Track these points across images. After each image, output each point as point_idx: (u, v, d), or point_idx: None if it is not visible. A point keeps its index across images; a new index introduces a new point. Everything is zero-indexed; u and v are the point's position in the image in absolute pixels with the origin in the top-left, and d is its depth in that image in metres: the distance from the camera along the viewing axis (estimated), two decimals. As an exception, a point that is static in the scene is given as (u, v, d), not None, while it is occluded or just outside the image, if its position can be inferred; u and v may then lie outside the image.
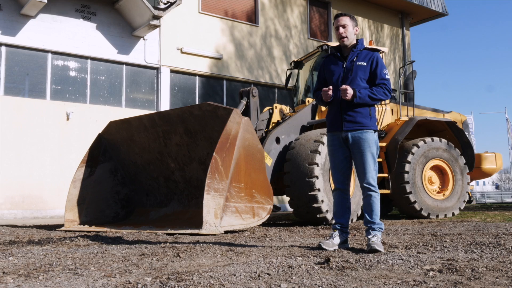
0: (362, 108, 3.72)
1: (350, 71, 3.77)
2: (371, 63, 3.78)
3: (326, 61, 4.03)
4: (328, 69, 3.93)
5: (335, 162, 3.85)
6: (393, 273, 2.45)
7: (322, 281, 2.26)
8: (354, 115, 3.71)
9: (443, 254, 3.15)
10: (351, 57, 3.82)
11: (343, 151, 3.79)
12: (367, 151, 3.68)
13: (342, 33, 3.82)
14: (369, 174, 3.68)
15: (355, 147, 3.71)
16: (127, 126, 7.17)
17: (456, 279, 2.22)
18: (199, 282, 2.26)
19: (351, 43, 3.87)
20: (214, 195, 5.56)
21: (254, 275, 2.43)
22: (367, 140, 3.68)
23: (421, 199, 8.41)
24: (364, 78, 3.76)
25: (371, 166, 3.69)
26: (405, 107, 9.45)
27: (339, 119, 3.75)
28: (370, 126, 3.74)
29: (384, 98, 3.78)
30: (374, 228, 3.62)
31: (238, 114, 5.96)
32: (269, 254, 3.32)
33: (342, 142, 3.78)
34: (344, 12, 4.02)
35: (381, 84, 3.73)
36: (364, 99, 3.66)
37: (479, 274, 2.35)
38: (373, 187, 3.69)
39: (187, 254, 3.44)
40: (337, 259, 2.87)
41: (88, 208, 7.17)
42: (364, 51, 3.86)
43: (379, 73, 3.76)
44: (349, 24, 3.85)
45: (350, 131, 3.71)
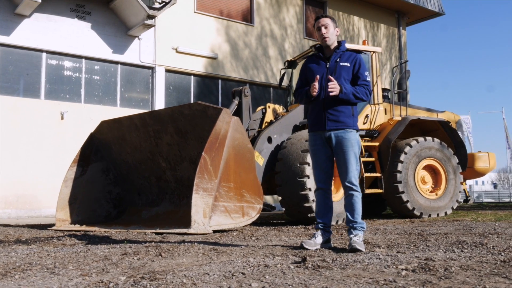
0: (345, 108, 3.75)
1: (333, 71, 3.81)
2: (354, 64, 3.83)
3: (309, 61, 4.06)
4: (310, 69, 3.96)
5: (317, 162, 3.87)
6: (367, 272, 2.46)
7: (294, 280, 2.27)
8: (337, 114, 3.73)
9: (423, 254, 3.16)
10: (334, 58, 3.86)
11: (325, 151, 3.82)
12: (350, 151, 3.70)
13: (324, 33, 3.86)
14: (351, 174, 3.70)
15: (338, 146, 3.73)
16: (118, 126, 7.18)
17: (426, 279, 2.23)
18: (171, 281, 2.28)
19: (333, 43, 3.91)
20: (203, 195, 5.57)
21: (228, 274, 2.44)
22: (349, 140, 3.71)
23: (413, 198, 8.43)
24: (348, 78, 3.80)
25: (353, 165, 3.71)
26: (398, 107, 9.47)
27: (322, 118, 3.78)
28: (353, 126, 3.78)
29: (365, 98, 3.81)
30: (356, 227, 3.65)
31: (228, 114, 5.97)
32: (250, 254, 3.33)
33: (324, 142, 3.80)
34: (325, 14, 4.07)
35: (363, 85, 3.76)
36: (348, 95, 3.69)
37: (451, 273, 2.36)
38: (355, 187, 3.71)
39: (169, 253, 3.45)
40: (314, 259, 2.88)
41: (80, 208, 7.18)
42: (347, 52, 3.90)
43: (361, 75, 3.81)
44: (330, 25, 3.90)
45: (333, 131, 3.74)
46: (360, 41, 16.62)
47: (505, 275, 2.30)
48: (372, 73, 9.17)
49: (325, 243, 3.75)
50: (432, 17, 18.08)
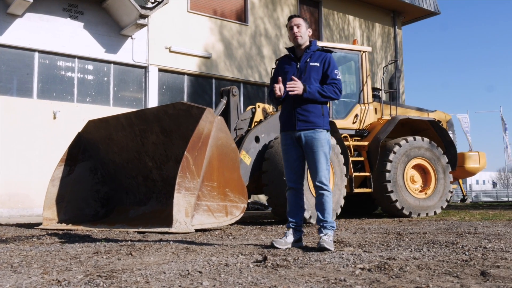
0: (314, 108, 3.76)
1: (303, 71, 3.82)
2: (324, 63, 3.83)
3: (280, 62, 4.08)
4: (282, 70, 3.98)
5: (288, 161, 3.88)
6: (323, 271, 2.48)
7: (247, 279, 2.29)
8: (307, 115, 3.74)
9: (388, 253, 3.18)
10: (304, 58, 3.87)
11: (296, 150, 3.83)
12: (320, 151, 3.71)
13: (296, 32, 3.87)
14: (322, 173, 3.71)
15: (307, 146, 3.74)
16: (105, 125, 7.21)
17: (376, 278, 2.25)
18: (125, 280, 2.30)
19: (305, 43, 3.93)
20: (185, 194, 5.59)
21: (184, 273, 2.46)
22: (319, 140, 3.72)
23: (402, 198, 8.43)
24: (317, 78, 3.81)
25: (323, 165, 3.72)
26: (389, 106, 9.48)
27: (292, 118, 3.79)
28: (323, 125, 3.78)
29: (334, 97, 3.81)
30: (326, 226, 3.66)
31: (211, 114, 5.99)
32: (217, 253, 3.35)
33: (295, 142, 3.82)
34: (298, 14, 4.08)
35: (332, 83, 3.76)
36: (313, 94, 3.69)
37: (404, 273, 2.37)
38: (326, 186, 3.72)
39: (139, 252, 3.48)
40: (276, 258, 2.90)
41: (67, 207, 7.21)
42: (317, 52, 3.91)
43: (330, 73, 3.81)
44: (302, 24, 3.92)
45: (303, 131, 3.74)
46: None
47: (456, 275, 2.31)
48: (362, 73, 9.18)
49: (296, 242, 3.77)
50: (427, 16, 18.06)
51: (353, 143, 8.76)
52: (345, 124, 8.85)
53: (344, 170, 8.00)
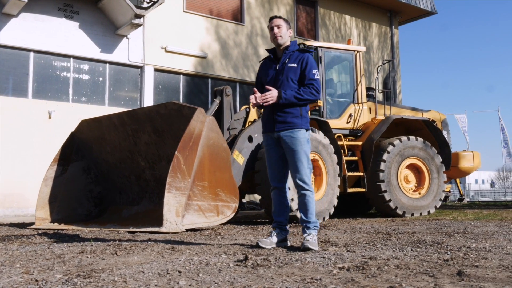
0: (292, 109, 3.78)
1: (281, 73, 3.83)
2: (301, 64, 3.84)
3: (262, 64, 4.12)
4: (263, 72, 4.02)
5: (270, 161, 3.91)
6: (302, 271, 2.49)
7: (224, 278, 2.30)
8: (284, 116, 3.77)
9: (371, 253, 3.19)
10: (283, 59, 3.89)
11: (277, 150, 3.85)
12: (299, 150, 3.72)
13: (276, 33, 3.90)
14: (303, 172, 3.71)
15: (287, 146, 3.76)
16: (98, 125, 7.22)
17: (352, 277, 2.26)
18: (103, 279, 2.31)
19: (285, 43, 3.94)
20: (176, 194, 5.60)
21: (163, 272, 2.47)
22: (298, 139, 3.73)
23: (396, 197, 8.44)
24: (295, 79, 3.82)
25: (304, 164, 3.72)
26: (383, 106, 9.49)
27: (271, 120, 3.82)
28: (301, 125, 3.79)
29: (311, 98, 3.82)
30: (310, 227, 3.67)
31: (202, 113, 6.00)
32: (202, 252, 3.36)
33: (275, 143, 3.84)
34: (278, 15, 4.08)
35: (309, 85, 3.77)
36: (289, 99, 3.71)
37: (382, 272, 2.38)
38: (307, 186, 3.72)
39: (125, 252, 3.48)
40: (257, 257, 2.91)
41: (60, 206, 7.21)
42: (296, 52, 3.93)
43: (307, 74, 3.81)
44: (283, 25, 3.93)
45: (281, 131, 3.76)
46: (352, 40, 16.64)
47: (433, 274, 2.32)
48: (356, 73, 9.20)
49: (281, 242, 3.77)
50: (424, 16, 18.06)
51: (347, 143, 8.77)
52: (339, 124, 8.86)
53: (338, 170, 8.02)
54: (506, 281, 2.14)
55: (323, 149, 7.79)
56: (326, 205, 7.69)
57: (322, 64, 8.83)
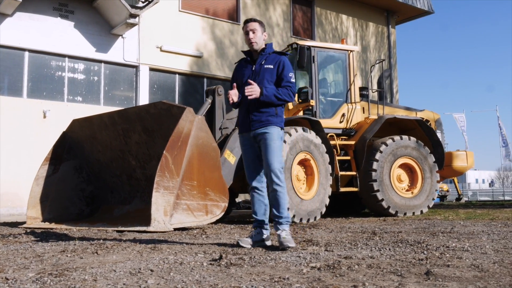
0: (268, 108, 3.82)
1: (257, 74, 3.86)
2: (278, 66, 3.87)
3: (238, 65, 4.15)
4: (239, 73, 4.05)
5: (247, 161, 3.94)
6: (273, 270, 2.50)
7: (194, 277, 2.32)
8: (260, 115, 3.81)
9: (349, 252, 3.20)
10: (259, 61, 3.92)
11: (253, 150, 3.88)
12: (273, 145, 3.75)
13: (251, 38, 3.92)
14: (275, 167, 3.73)
15: (261, 142, 3.79)
16: (89, 124, 7.24)
17: (320, 276, 2.27)
18: (74, 278, 2.32)
19: (260, 47, 3.97)
20: (164, 193, 5.62)
21: (135, 271, 2.49)
22: (271, 134, 3.77)
23: (388, 197, 8.45)
24: (271, 80, 3.85)
25: (277, 159, 3.75)
26: (376, 105, 9.50)
27: (247, 120, 3.86)
28: (276, 123, 3.84)
29: (288, 100, 3.87)
30: (282, 222, 3.69)
31: (191, 113, 6.01)
32: (181, 251, 3.38)
33: (251, 141, 3.87)
34: (254, 18, 4.08)
35: (286, 86, 3.82)
36: (270, 97, 3.74)
37: (351, 271, 2.39)
38: (279, 181, 3.74)
39: (105, 251, 3.50)
40: (232, 256, 2.93)
41: (51, 206, 7.23)
42: (272, 54, 3.96)
43: (284, 76, 3.85)
44: (258, 29, 3.95)
45: (257, 129, 3.80)
46: (349, 39, 16.63)
47: (401, 274, 2.33)
48: (350, 72, 9.20)
49: (261, 241, 3.79)
50: (421, 15, 18.06)
51: (339, 142, 8.78)
52: (332, 124, 8.87)
53: (330, 169, 8.02)
54: (471, 280, 2.15)
55: (315, 149, 7.80)
56: (318, 204, 7.70)
57: (315, 63, 8.85)
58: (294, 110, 8.53)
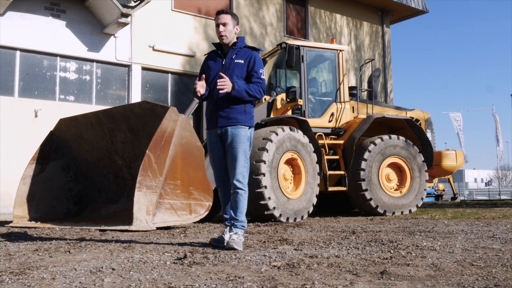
0: (237, 105, 3.76)
1: (227, 68, 3.80)
2: (249, 61, 3.82)
3: (207, 58, 4.06)
4: (208, 66, 3.96)
5: (213, 160, 3.87)
6: (233, 268, 2.52)
7: (152, 276, 2.34)
8: (228, 111, 3.75)
9: (317, 251, 3.22)
10: (230, 55, 3.86)
11: (219, 149, 3.83)
12: (239, 147, 3.72)
13: (221, 32, 3.84)
14: (239, 171, 3.71)
15: (227, 142, 3.75)
16: (75, 124, 7.25)
17: (276, 275, 2.29)
18: (33, 277, 2.34)
19: (231, 41, 3.89)
20: (146, 192, 5.64)
21: (95, 270, 2.50)
22: (239, 136, 3.72)
23: (377, 196, 8.48)
24: (241, 76, 3.80)
25: (241, 162, 3.72)
26: (365, 105, 9.52)
27: (214, 115, 3.80)
28: (244, 122, 3.78)
29: (258, 96, 3.83)
30: (237, 225, 3.66)
31: (175, 112, 6.02)
32: (150, 250, 3.40)
33: (218, 139, 3.82)
34: (227, 10, 3.99)
35: (257, 83, 3.78)
36: (241, 92, 3.69)
37: (309, 270, 2.41)
38: (241, 185, 3.72)
39: (78, 250, 3.52)
40: (198, 255, 2.94)
41: (38, 205, 7.24)
42: (243, 49, 3.89)
43: (255, 72, 3.80)
44: (229, 22, 3.86)
45: (224, 127, 3.75)
46: (343, 39, 16.65)
47: (356, 273, 2.35)
48: (339, 72, 9.23)
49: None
50: (416, 15, 18.06)
51: (328, 142, 8.80)
52: (321, 123, 8.90)
53: (317, 169, 8.04)
54: (423, 279, 2.16)
55: (302, 148, 7.82)
56: (305, 203, 7.72)
57: (304, 63, 8.87)
58: (283, 110, 8.55)
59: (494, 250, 3.24)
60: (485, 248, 3.33)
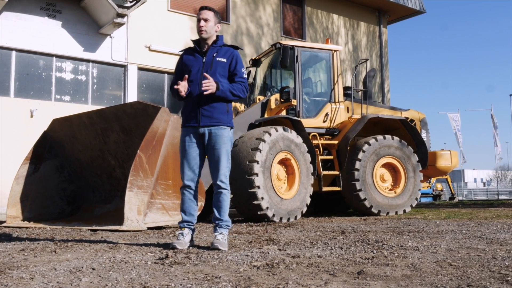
0: (219, 104, 3.75)
1: (209, 66, 3.77)
2: (231, 60, 3.82)
3: (185, 55, 3.98)
4: (186, 63, 3.89)
5: (187, 158, 3.78)
6: (212, 269, 2.53)
7: (130, 276, 2.35)
8: (211, 111, 3.72)
9: (301, 251, 3.23)
10: (211, 52, 3.82)
11: (196, 147, 3.78)
12: (222, 148, 3.72)
13: (202, 27, 3.79)
14: (222, 171, 3.71)
15: (210, 143, 3.73)
16: (69, 124, 7.27)
17: (253, 275, 2.30)
18: (11, 276, 2.36)
19: (210, 37, 3.85)
20: (137, 192, 5.65)
21: (75, 269, 2.52)
22: (222, 137, 3.72)
23: (371, 196, 8.48)
24: (224, 74, 3.79)
25: (224, 163, 3.73)
26: (360, 105, 9.52)
27: (196, 114, 3.74)
28: (227, 122, 3.78)
29: (242, 96, 3.84)
30: (222, 225, 3.66)
31: (167, 112, 6.04)
32: (135, 250, 3.41)
33: (197, 138, 3.77)
34: (210, 7, 3.93)
35: (240, 82, 3.78)
36: (225, 92, 3.69)
37: (288, 270, 2.42)
38: (225, 185, 3.73)
39: (64, 250, 3.53)
40: (180, 255, 2.96)
41: (32, 205, 7.25)
42: (224, 47, 3.87)
43: (237, 71, 3.81)
44: (211, 19, 3.82)
45: (207, 127, 3.72)
46: (340, 39, 16.66)
47: (333, 273, 2.36)
48: (333, 72, 9.23)
49: (190, 242, 3.71)
50: (413, 15, 18.08)
51: (322, 142, 8.81)
52: (315, 123, 8.90)
53: (311, 169, 8.05)
54: (398, 279, 2.18)
55: (296, 148, 7.83)
56: (298, 203, 7.72)
57: (299, 63, 8.87)
58: (277, 110, 8.56)
59: (478, 250, 3.25)
60: (469, 248, 3.34)
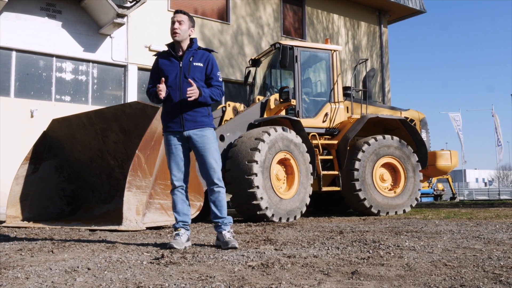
0: (202, 108, 3.81)
1: (187, 71, 3.79)
2: (207, 64, 3.85)
3: (160, 59, 3.96)
4: (162, 68, 3.88)
5: (175, 160, 3.83)
6: (207, 268, 2.54)
7: (125, 275, 2.35)
8: (194, 115, 3.78)
9: (297, 251, 3.23)
10: (187, 57, 3.83)
11: (181, 148, 3.82)
12: (211, 147, 3.79)
13: (175, 28, 3.79)
14: (216, 170, 3.77)
15: (197, 145, 3.76)
16: (68, 124, 7.28)
17: (247, 275, 2.30)
18: (7, 276, 2.36)
19: (184, 40, 3.85)
20: (136, 192, 5.66)
21: (70, 269, 2.52)
22: (208, 137, 3.79)
23: (371, 196, 8.47)
24: (201, 79, 3.83)
25: (217, 162, 3.79)
26: (360, 105, 9.51)
27: (179, 119, 3.78)
28: (209, 124, 3.87)
29: (219, 99, 3.94)
30: (226, 223, 3.72)
31: (165, 113, 6.05)
32: (131, 250, 3.41)
33: (182, 141, 3.81)
34: (185, 11, 3.96)
35: (217, 86, 3.85)
36: (206, 98, 3.75)
37: (282, 270, 2.42)
38: (221, 183, 3.78)
39: (61, 249, 3.54)
40: (176, 255, 2.96)
41: (32, 205, 7.27)
42: (199, 51, 3.90)
43: (214, 75, 3.87)
44: (185, 22, 3.84)
45: (191, 130, 3.77)
46: (340, 39, 16.65)
47: (328, 273, 2.36)
48: (333, 72, 9.23)
49: (187, 242, 3.73)
50: (413, 15, 18.06)
51: (322, 142, 8.80)
52: (315, 123, 8.90)
53: (310, 169, 8.05)
54: (391, 279, 2.18)
55: (295, 148, 7.83)
56: (298, 203, 7.72)
57: (298, 63, 8.87)
58: (276, 110, 8.56)
59: (475, 250, 3.25)
60: (465, 248, 3.34)
